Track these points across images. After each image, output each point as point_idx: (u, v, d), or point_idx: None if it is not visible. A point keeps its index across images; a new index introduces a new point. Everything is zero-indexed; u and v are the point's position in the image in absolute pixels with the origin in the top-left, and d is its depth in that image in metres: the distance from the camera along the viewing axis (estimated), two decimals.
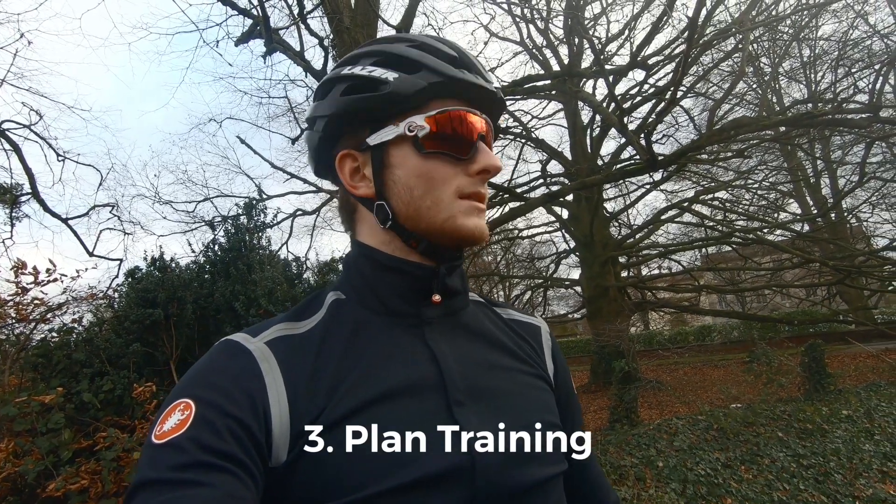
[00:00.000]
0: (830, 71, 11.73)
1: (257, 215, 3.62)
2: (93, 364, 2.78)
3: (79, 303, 3.48)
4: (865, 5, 10.45)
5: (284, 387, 0.53)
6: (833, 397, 6.64)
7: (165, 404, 0.51)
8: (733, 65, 10.79)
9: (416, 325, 0.61)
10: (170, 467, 0.44)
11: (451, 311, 0.65)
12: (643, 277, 14.18)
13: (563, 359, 0.76)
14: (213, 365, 0.55)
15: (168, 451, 0.46)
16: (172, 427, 0.47)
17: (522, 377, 0.65)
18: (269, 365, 0.54)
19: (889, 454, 4.70)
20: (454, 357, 0.60)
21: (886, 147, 10.31)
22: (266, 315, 3.03)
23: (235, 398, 0.50)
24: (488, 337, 0.66)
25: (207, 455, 0.45)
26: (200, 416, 0.48)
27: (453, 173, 0.59)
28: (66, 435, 2.45)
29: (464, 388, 0.57)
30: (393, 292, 0.62)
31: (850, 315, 12.63)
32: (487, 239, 0.61)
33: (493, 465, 0.53)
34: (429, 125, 0.59)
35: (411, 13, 6.91)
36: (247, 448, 0.48)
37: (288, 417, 0.51)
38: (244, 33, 5.68)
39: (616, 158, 12.33)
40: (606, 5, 10.68)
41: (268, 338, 0.57)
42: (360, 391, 0.54)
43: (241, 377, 0.52)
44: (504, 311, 0.76)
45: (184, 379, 0.54)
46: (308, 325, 0.60)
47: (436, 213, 0.59)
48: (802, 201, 15.80)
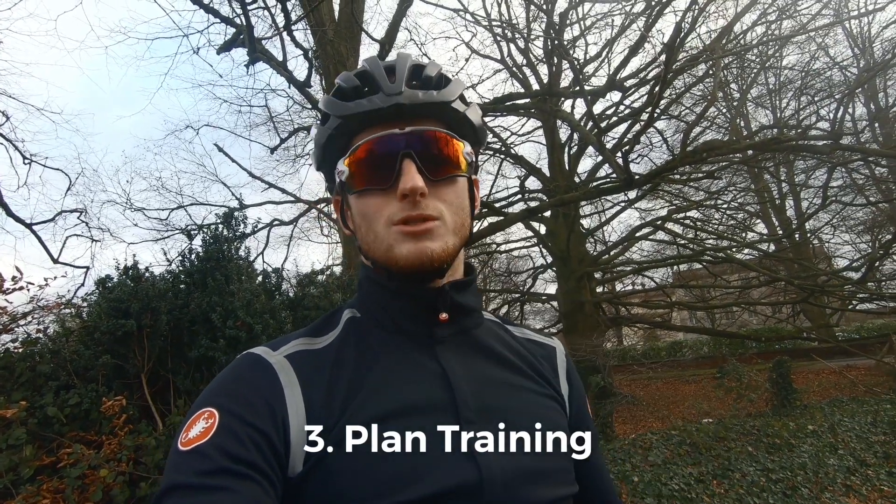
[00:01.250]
0: (794, 98, 12.36)
1: (237, 224, 3.56)
2: (58, 376, 2.66)
3: (45, 312, 3.34)
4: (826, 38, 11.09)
5: (302, 400, 0.55)
6: (799, 412, 6.84)
7: (190, 413, 0.53)
8: (704, 89, 11.26)
9: (429, 344, 0.62)
10: (197, 473, 0.46)
11: (464, 329, 0.65)
12: (618, 293, 14.44)
13: (578, 381, 0.76)
14: (236, 376, 0.57)
15: (194, 457, 0.48)
16: (198, 434, 0.49)
17: (534, 397, 0.65)
18: (288, 378, 0.56)
19: (852, 468, 4.87)
20: (465, 375, 0.60)
21: (846, 172, 10.86)
22: (244, 327, 2.97)
23: (257, 408, 0.52)
24: (501, 356, 0.66)
25: (231, 462, 0.47)
26: (224, 425, 0.50)
27: (383, 203, 0.59)
28: (27, 451, 2.32)
29: (474, 406, 0.58)
30: (402, 312, 0.63)
31: (814, 332, 13.10)
32: (438, 260, 0.58)
33: (501, 484, 0.54)
34: (347, 167, 0.61)
35: (395, 28, 6.99)
36: (267, 457, 0.50)
37: (305, 430, 0.53)
38: (227, 42, 5.63)
39: (592, 176, 12.61)
40: (584, 29, 11.03)
41: (287, 352, 0.59)
42: (371, 407, 0.55)
43: (262, 389, 0.54)
44: (519, 331, 0.76)
45: (207, 389, 0.56)
46: (326, 341, 0.62)
47: (378, 246, 0.60)
48: (768, 222, 16.43)
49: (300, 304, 3.49)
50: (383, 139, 0.58)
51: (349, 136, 0.61)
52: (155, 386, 2.93)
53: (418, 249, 0.57)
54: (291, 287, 4.08)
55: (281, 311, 3.27)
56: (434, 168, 0.59)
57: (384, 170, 0.58)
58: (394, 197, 0.58)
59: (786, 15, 8.89)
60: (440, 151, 0.60)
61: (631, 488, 4.52)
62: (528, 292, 15.73)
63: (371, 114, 0.59)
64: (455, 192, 0.62)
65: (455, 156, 0.62)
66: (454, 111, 0.63)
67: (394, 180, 0.58)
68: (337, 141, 0.62)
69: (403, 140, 0.58)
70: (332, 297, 3.56)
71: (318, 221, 11.48)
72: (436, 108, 0.61)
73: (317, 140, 0.64)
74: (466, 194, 0.64)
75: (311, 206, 9.86)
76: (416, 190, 0.56)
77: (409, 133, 0.59)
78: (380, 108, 0.58)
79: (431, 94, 0.61)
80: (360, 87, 0.61)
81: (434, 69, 0.64)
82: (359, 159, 0.59)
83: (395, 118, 0.59)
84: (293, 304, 3.50)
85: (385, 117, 0.59)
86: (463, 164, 0.63)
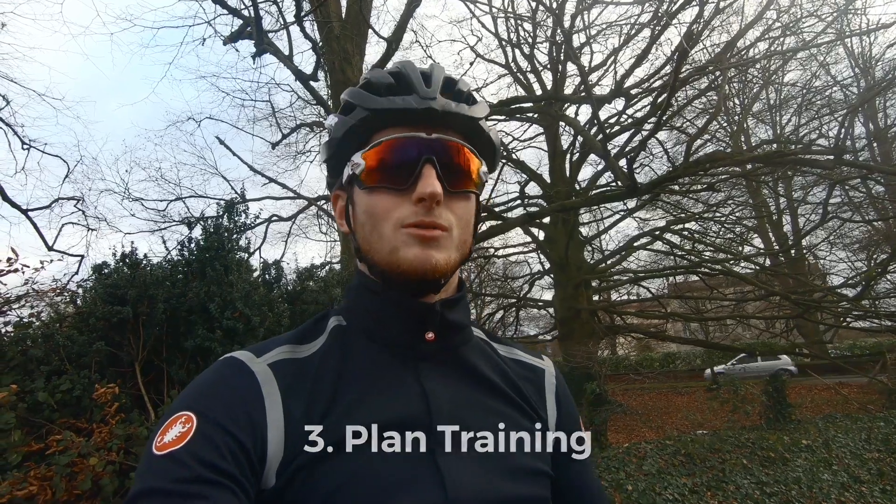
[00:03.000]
0: (795, 115, 12.44)
1: (238, 216, 3.52)
2: (51, 361, 2.60)
3: (39, 296, 3.28)
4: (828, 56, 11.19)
5: (283, 412, 0.53)
6: (793, 427, 6.84)
7: (167, 415, 0.51)
8: (706, 102, 11.32)
9: (412, 360, 0.61)
10: (171, 479, 0.45)
11: (450, 347, 0.64)
12: (614, 302, 14.43)
13: (569, 400, 0.75)
14: (218, 381, 0.55)
15: (169, 462, 0.46)
16: (173, 439, 0.48)
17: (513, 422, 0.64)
18: (270, 388, 0.55)
19: (846, 484, 4.86)
20: (445, 396, 0.60)
21: (844, 190, 10.92)
22: (242, 318, 2.92)
23: (236, 417, 0.51)
24: (484, 378, 0.65)
25: (206, 470, 0.46)
26: (201, 431, 0.48)
27: (395, 204, 0.58)
28: (15, 436, 2.26)
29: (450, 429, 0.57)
30: (390, 324, 0.61)
31: (807, 348, 13.13)
32: (440, 271, 0.57)
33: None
34: (364, 161, 0.59)
35: (402, 27, 6.97)
36: (243, 467, 0.48)
37: (282, 443, 0.52)
38: (233, 33, 5.60)
39: (593, 184, 12.63)
40: (590, 37, 11.07)
41: (271, 360, 0.58)
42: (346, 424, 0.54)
43: (243, 397, 0.53)
44: (507, 350, 0.74)
45: (186, 391, 0.54)
46: (310, 350, 0.61)
47: (382, 247, 0.58)
48: (765, 236, 16.50)
49: (299, 297, 3.45)
50: (409, 140, 0.58)
51: (370, 132, 0.60)
52: (149, 375, 2.87)
53: (425, 256, 0.56)
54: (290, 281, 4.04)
55: (279, 303, 3.23)
56: (452, 179, 0.59)
57: (403, 171, 0.58)
58: (408, 199, 0.57)
59: (789, 32, 8.96)
60: (460, 164, 0.60)
61: (625, 497, 4.49)
62: (524, 298, 15.72)
63: (402, 112, 0.58)
64: (466, 208, 0.62)
65: (473, 171, 0.62)
66: (480, 129, 0.63)
67: (411, 183, 0.57)
68: (356, 134, 0.61)
69: (429, 145, 0.58)
70: (331, 291, 3.52)
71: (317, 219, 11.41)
72: (464, 122, 0.61)
73: (335, 130, 0.63)
74: (474, 212, 0.64)
75: (310, 202, 9.81)
76: (436, 196, 0.56)
77: (435, 139, 0.59)
78: (413, 109, 0.58)
79: (463, 107, 0.61)
80: (393, 84, 0.61)
81: (465, 86, 0.64)
82: (379, 155, 0.58)
83: (423, 122, 0.59)
84: (292, 298, 3.45)
85: (413, 120, 0.59)
86: (478, 181, 0.63)
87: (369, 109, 0.59)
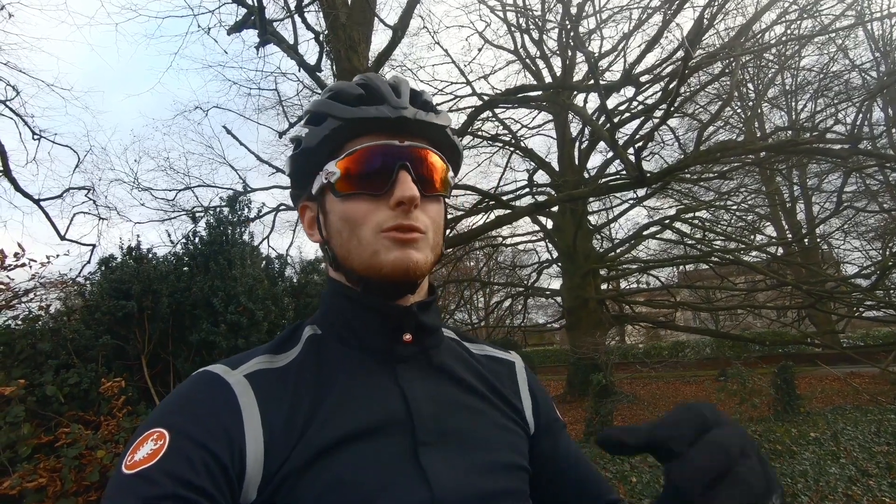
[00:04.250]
0: (811, 101, 12.14)
1: (241, 209, 3.52)
2: (59, 355, 2.65)
3: (47, 290, 3.33)
4: (847, 40, 10.86)
5: (261, 424, 0.52)
6: (802, 419, 6.78)
7: (138, 432, 0.50)
8: (719, 88, 11.07)
9: (389, 363, 0.62)
10: (138, 499, 0.43)
11: (424, 348, 0.65)
12: (622, 291, 14.35)
13: (542, 390, 0.77)
14: (191, 395, 0.54)
15: (139, 482, 0.45)
16: (145, 457, 0.46)
17: (490, 418, 0.65)
18: (247, 400, 0.54)
19: (854, 477, 4.81)
20: (424, 397, 0.60)
21: (860, 178, 10.68)
22: (246, 313, 2.94)
23: (212, 432, 0.49)
24: (459, 377, 0.66)
25: (179, 488, 0.44)
26: (174, 448, 0.47)
27: (373, 209, 0.59)
28: (25, 429, 2.32)
29: (431, 428, 0.58)
30: (366, 329, 0.62)
31: (818, 338, 12.99)
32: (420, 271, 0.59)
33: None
34: (339, 169, 0.60)
35: (408, 14, 6.87)
36: (219, 484, 0.47)
37: (262, 456, 0.51)
38: (237, 22, 5.56)
39: (602, 172, 12.49)
40: (601, 21, 10.85)
41: (247, 371, 0.57)
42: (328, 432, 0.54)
43: (219, 411, 0.52)
44: (478, 348, 0.76)
45: (159, 408, 0.53)
46: (286, 360, 0.61)
47: (361, 252, 0.59)
48: (778, 225, 16.24)
49: (303, 291, 3.47)
50: (383, 148, 0.60)
51: (342, 142, 0.62)
52: (155, 368, 2.92)
53: (405, 257, 0.58)
54: (296, 273, 4.05)
55: (283, 297, 3.24)
56: (424, 184, 0.61)
57: (379, 177, 0.59)
58: (385, 205, 0.59)
59: (806, 14, 8.69)
60: (432, 170, 0.62)
61: (629, 489, 4.50)
62: (532, 287, 15.69)
63: (375, 122, 0.60)
64: (437, 211, 0.64)
65: (443, 177, 0.64)
66: (446, 136, 0.66)
67: (388, 188, 0.59)
68: (328, 144, 0.62)
69: (403, 152, 0.60)
70: None
71: None
72: (432, 130, 0.64)
73: (305, 141, 0.63)
74: (443, 215, 0.67)
75: None
76: (414, 199, 0.58)
77: (407, 146, 0.61)
78: (386, 118, 0.60)
79: (432, 116, 0.63)
80: (363, 95, 0.62)
81: (429, 97, 0.67)
82: (354, 163, 0.60)
83: (395, 131, 0.61)
84: (296, 291, 3.47)
85: (386, 128, 0.61)
86: (447, 185, 0.66)
87: (343, 119, 0.60)
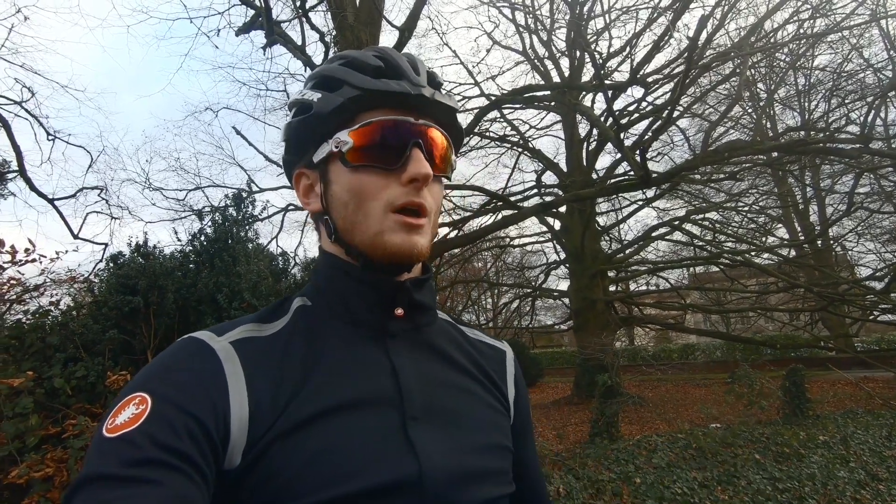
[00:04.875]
0: (824, 100, 11.97)
1: (246, 207, 3.57)
2: (67, 349, 2.71)
3: (57, 285, 3.40)
4: (861, 39, 10.70)
5: (247, 391, 0.52)
6: (811, 422, 6.69)
7: (119, 397, 0.49)
8: (730, 88, 10.96)
9: (380, 337, 0.61)
10: (120, 462, 0.43)
11: (417, 326, 0.65)
12: (631, 293, 14.26)
13: (524, 385, 0.79)
14: (174, 361, 0.53)
15: (119, 445, 0.44)
16: (126, 421, 0.46)
17: (479, 398, 0.65)
18: (232, 366, 0.53)
19: (863, 482, 4.74)
20: (414, 373, 0.60)
21: (874, 178, 10.51)
22: (250, 308, 2.98)
23: (195, 396, 0.49)
24: (450, 356, 0.67)
25: (160, 452, 0.44)
26: (156, 412, 0.46)
27: (384, 185, 0.59)
28: (33, 420, 2.37)
29: (420, 404, 0.58)
30: (359, 302, 0.62)
31: (831, 342, 12.80)
32: (423, 256, 0.59)
33: (441, 482, 0.54)
34: (352, 139, 0.59)
35: (415, 15, 6.91)
36: (202, 448, 0.47)
37: (247, 421, 0.50)
38: (246, 23, 5.63)
39: (610, 173, 12.41)
40: (609, 21, 10.80)
41: (233, 338, 0.56)
42: (317, 400, 0.53)
43: (202, 376, 0.51)
44: (471, 332, 0.76)
45: (141, 373, 0.52)
46: (274, 328, 0.60)
47: (366, 228, 0.59)
48: (790, 227, 16.03)
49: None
50: (400, 123, 0.59)
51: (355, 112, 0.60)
52: None
53: (410, 242, 0.58)
54: (300, 270, 4.09)
55: (287, 294, 3.28)
56: (432, 164, 0.61)
57: (392, 152, 0.59)
58: (395, 181, 0.58)
59: (819, 13, 8.58)
60: (439, 150, 0.62)
61: (633, 490, 4.47)
62: (540, 288, 15.65)
63: (394, 96, 0.59)
64: (440, 192, 0.65)
65: (449, 158, 0.64)
66: (455, 119, 0.66)
67: (401, 164, 0.58)
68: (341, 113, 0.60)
69: (417, 129, 0.60)
70: None
71: None
72: (444, 111, 0.63)
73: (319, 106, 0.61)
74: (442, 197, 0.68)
75: None
76: (428, 177, 0.58)
77: (422, 125, 0.61)
78: (406, 94, 0.59)
79: (446, 97, 0.63)
80: (381, 68, 0.61)
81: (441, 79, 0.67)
82: (369, 134, 0.59)
83: (411, 108, 0.61)
84: (300, 288, 3.51)
85: (403, 104, 0.60)
86: (451, 167, 0.66)
87: (363, 89, 0.59)
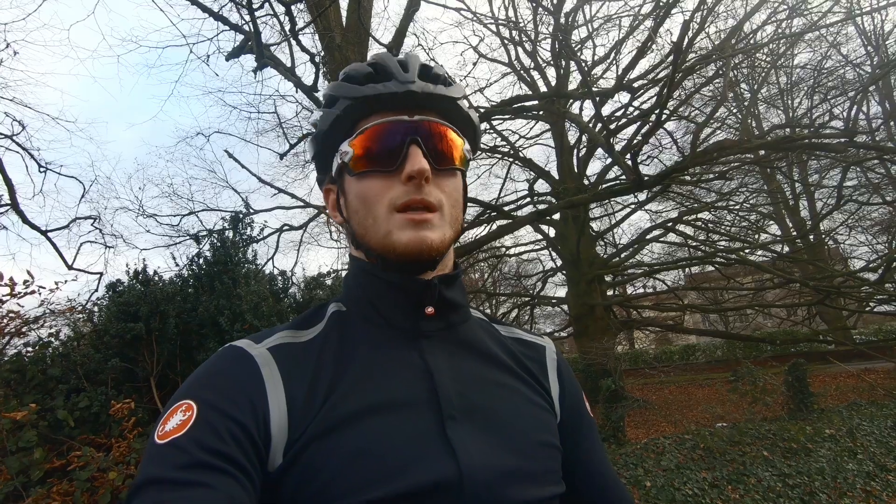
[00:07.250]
0: (807, 98, 12.18)
1: (243, 229, 3.58)
2: (69, 380, 2.68)
3: (56, 316, 3.38)
4: (838, 36, 10.94)
5: (284, 393, 0.54)
6: (816, 416, 6.69)
7: (168, 406, 0.52)
8: (714, 90, 11.14)
9: (414, 339, 0.62)
10: (173, 467, 0.45)
11: (450, 324, 0.65)
12: (629, 296, 14.30)
13: (571, 378, 0.75)
14: (216, 368, 0.56)
15: (170, 450, 0.47)
16: (174, 427, 0.49)
17: (520, 395, 0.64)
18: (270, 370, 0.55)
19: (872, 473, 4.74)
20: (450, 372, 0.60)
21: (861, 171, 10.66)
22: (252, 330, 2.97)
23: (237, 401, 0.51)
24: (487, 353, 0.66)
25: (208, 456, 0.46)
26: (202, 418, 0.49)
27: (386, 186, 0.59)
28: (37, 454, 2.35)
29: (458, 404, 0.57)
30: (389, 305, 0.63)
31: (830, 335, 12.84)
32: (436, 250, 0.59)
33: (482, 483, 0.53)
34: (352, 149, 0.61)
35: (402, 33, 7.01)
36: (246, 451, 0.49)
37: (286, 423, 0.52)
38: (235, 48, 5.70)
39: (602, 178, 12.53)
40: (592, 31, 10.99)
41: (270, 344, 0.59)
42: (353, 401, 0.54)
43: (243, 381, 0.53)
44: (507, 330, 0.75)
45: (187, 382, 0.55)
46: (310, 335, 0.62)
47: (376, 231, 0.60)
48: (782, 223, 16.18)
49: (308, 306, 3.50)
50: (393, 124, 0.60)
51: (355, 121, 0.62)
52: (164, 389, 2.94)
53: (419, 238, 0.58)
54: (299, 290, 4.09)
55: (289, 313, 3.28)
56: (437, 158, 0.61)
57: (390, 154, 0.59)
58: (397, 180, 0.59)
59: (796, 13, 8.77)
60: (444, 143, 0.62)
61: (643, 493, 4.45)
62: (537, 296, 15.65)
63: (383, 98, 0.60)
64: (454, 185, 0.64)
65: (457, 150, 0.63)
66: (459, 108, 0.65)
67: (399, 163, 0.59)
68: (341, 124, 0.63)
69: (412, 127, 0.60)
70: None
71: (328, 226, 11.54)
72: (443, 102, 0.63)
73: (320, 124, 0.64)
74: (461, 189, 0.66)
75: (320, 210, 9.90)
76: (423, 172, 0.58)
77: (417, 121, 0.61)
78: (393, 93, 0.60)
79: (441, 88, 0.63)
80: (372, 73, 0.63)
81: (441, 70, 0.66)
82: (366, 141, 0.60)
83: (404, 106, 0.61)
84: (301, 307, 3.50)
85: (395, 104, 0.61)
86: (462, 159, 0.65)
87: (352, 98, 0.61)
